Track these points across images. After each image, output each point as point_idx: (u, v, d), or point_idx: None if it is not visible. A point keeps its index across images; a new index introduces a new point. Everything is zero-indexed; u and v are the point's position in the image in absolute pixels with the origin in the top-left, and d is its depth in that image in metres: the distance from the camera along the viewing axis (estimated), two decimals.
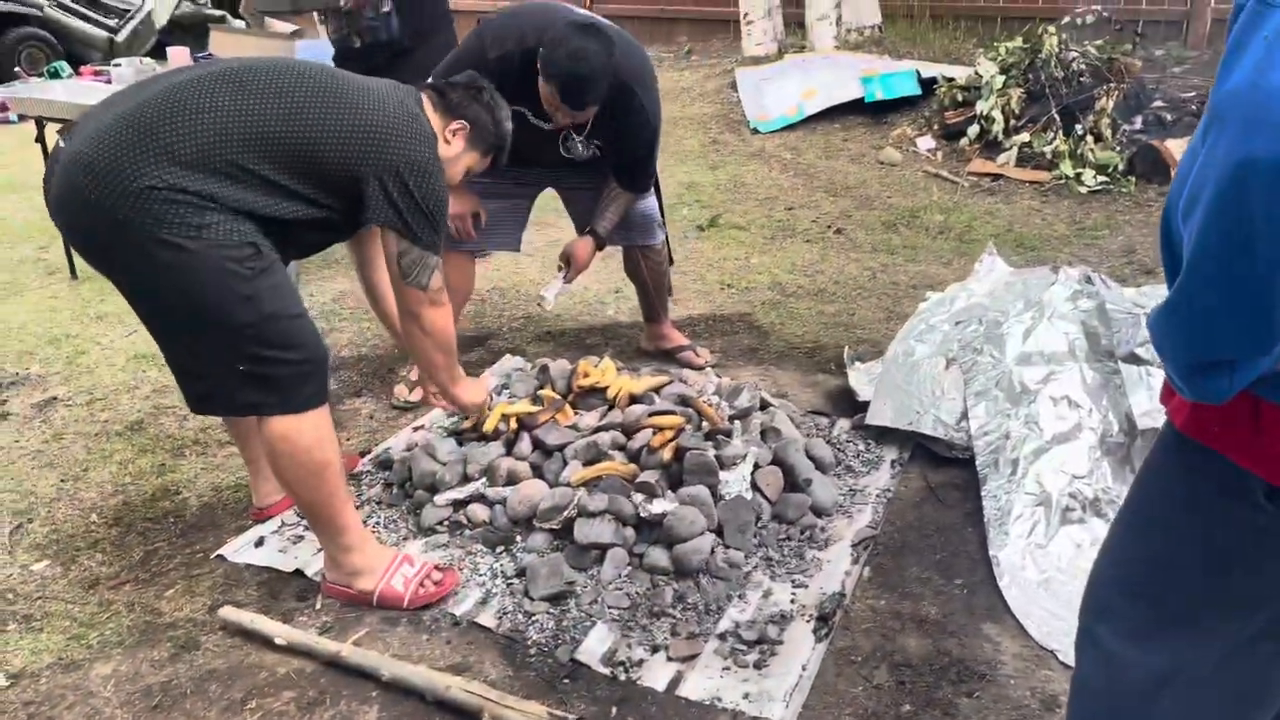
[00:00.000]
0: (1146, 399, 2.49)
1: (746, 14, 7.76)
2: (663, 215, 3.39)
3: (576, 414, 2.70)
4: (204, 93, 1.97)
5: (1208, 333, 1.14)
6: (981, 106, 5.71)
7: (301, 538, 2.48)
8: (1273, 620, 1.34)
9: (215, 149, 1.93)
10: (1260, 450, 1.21)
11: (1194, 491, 1.32)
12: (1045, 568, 2.28)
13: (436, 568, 2.27)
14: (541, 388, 2.81)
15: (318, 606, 2.24)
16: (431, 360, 2.37)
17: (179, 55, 4.37)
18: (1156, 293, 2.83)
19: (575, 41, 2.63)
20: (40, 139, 4.15)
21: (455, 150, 2.31)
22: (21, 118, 7.38)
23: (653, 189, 3.28)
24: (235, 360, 2.00)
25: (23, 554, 2.49)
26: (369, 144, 2.04)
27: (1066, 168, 5.27)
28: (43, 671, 2.07)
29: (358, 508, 2.52)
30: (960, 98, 5.99)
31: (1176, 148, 5.00)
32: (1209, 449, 1.26)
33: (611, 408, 2.69)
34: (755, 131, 6.41)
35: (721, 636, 2.11)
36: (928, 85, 6.30)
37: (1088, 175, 5.19)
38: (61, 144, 2.00)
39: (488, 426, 2.62)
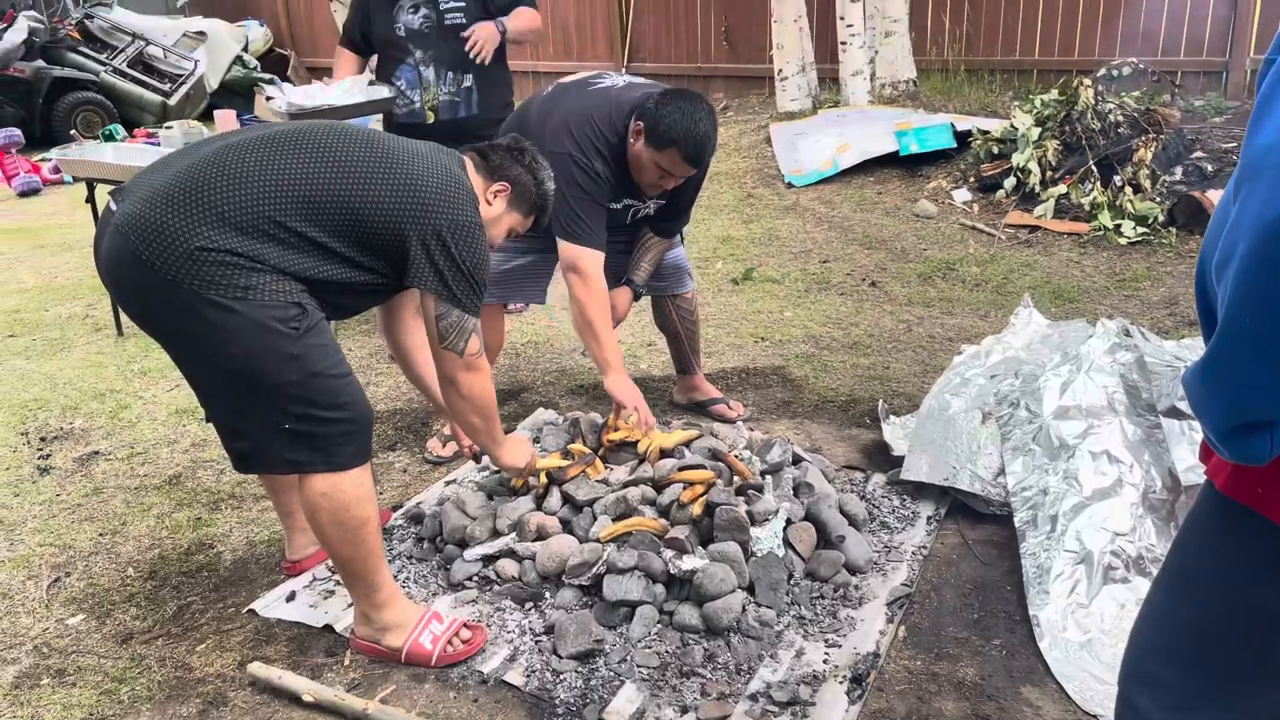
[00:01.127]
0: (1189, 454, 2.43)
1: (780, 70, 7.84)
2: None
3: (607, 468, 2.69)
4: (253, 156, 2.01)
5: (1245, 393, 1.11)
6: (1017, 159, 5.69)
7: (332, 593, 2.48)
8: None
9: (263, 211, 1.96)
10: None
11: (1236, 554, 1.27)
12: (1088, 628, 2.21)
13: (465, 625, 2.25)
14: (572, 441, 2.81)
15: (346, 662, 2.23)
16: (469, 423, 2.36)
17: (226, 118, 4.51)
18: (1198, 345, 2.78)
19: (682, 104, 2.69)
20: (90, 200, 4.27)
21: (497, 211, 2.32)
22: (74, 179, 7.65)
23: (681, 238, 3.31)
24: (280, 419, 2.01)
25: (59, 607, 2.51)
26: (413, 206, 2.06)
27: (1105, 219, 5.21)
28: None
29: (389, 562, 2.52)
30: (996, 150, 5.98)
31: (1218, 198, 4.94)
32: (1251, 510, 1.22)
33: (642, 462, 2.67)
34: (790, 185, 6.44)
35: (753, 697, 2.06)
36: (962, 138, 6.30)
37: (1127, 226, 5.14)
38: (112, 206, 2.04)
39: (515, 481, 2.62)
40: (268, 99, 3.80)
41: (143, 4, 11.38)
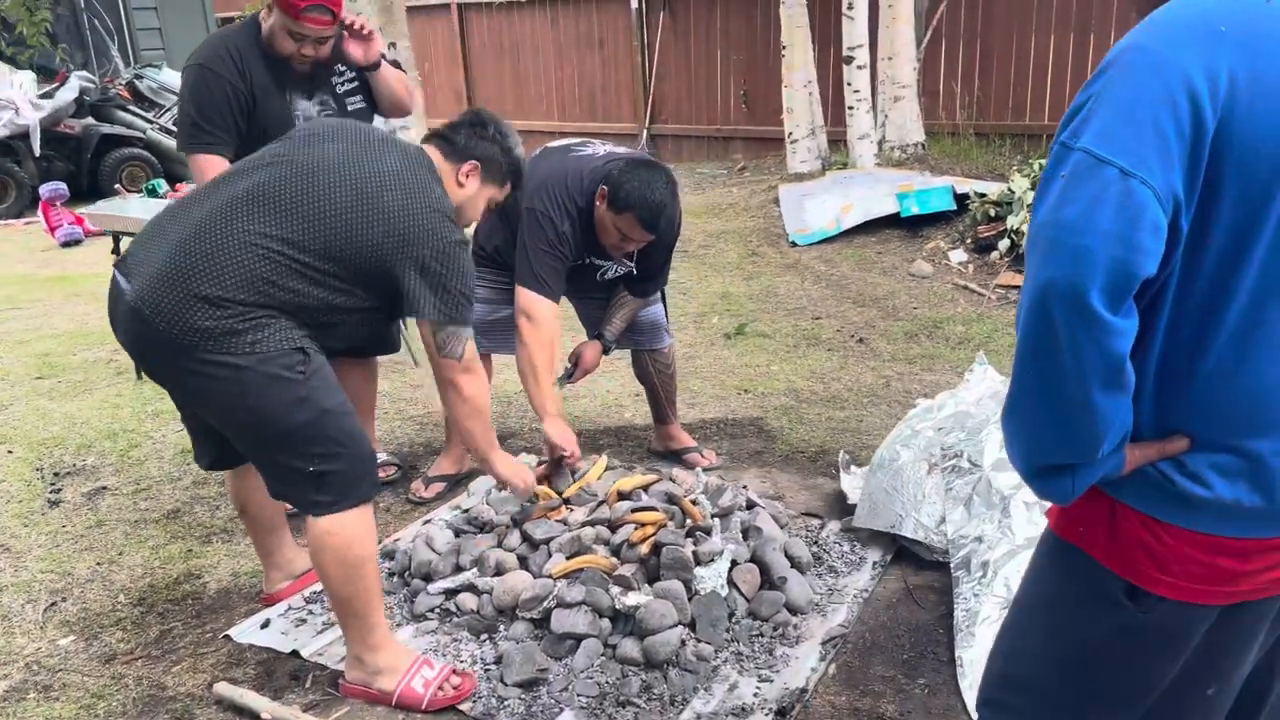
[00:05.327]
0: None
1: (791, 133, 8.07)
2: (667, 317, 3.56)
3: (568, 509, 2.84)
4: (234, 224, 2.11)
5: (1038, 439, 1.25)
6: (1012, 221, 5.83)
7: (304, 621, 2.64)
8: (1150, 717, 1.40)
9: (253, 272, 2.08)
10: (1117, 550, 1.30)
11: (1066, 590, 1.40)
12: None
13: (454, 672, 2.34)
14: (541, 482, 2.95)
15: (307, 685, 2.38)
16: (468, 428, 2.51)
17: None
18: None
19: (643, 173, 2.90)
20: (116, 251, 4.55)
21: (471, 191, 2.42)
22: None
23: (659, 296, 3.47)
24: (303, 463, 2.14)
25: (52, 629, 2.69)
26: (396, 242, 2.17)
27: None
28: None
29: None
30: (993, 212, 6.12)
31: None
32: (1078, 549, 1.35)
33: (601, 503, 2.82)
34: (794, 244, 6.60)
35: None
36: (963, 201, 6.45)
37: None
38: (120, 281, 2.16)
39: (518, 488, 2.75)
40: None
41: None
